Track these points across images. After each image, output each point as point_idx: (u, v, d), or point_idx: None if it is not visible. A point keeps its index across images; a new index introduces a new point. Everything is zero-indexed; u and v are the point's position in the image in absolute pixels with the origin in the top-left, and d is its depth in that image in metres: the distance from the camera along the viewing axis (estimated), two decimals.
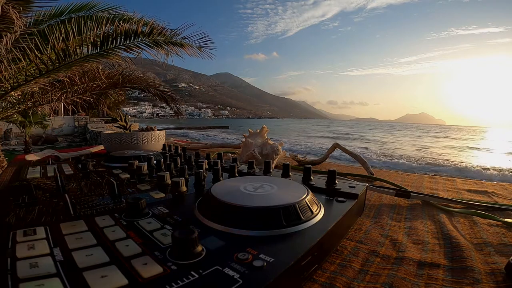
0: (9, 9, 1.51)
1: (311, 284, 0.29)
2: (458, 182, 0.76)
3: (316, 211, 0.34)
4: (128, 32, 2.46)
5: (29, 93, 2.59)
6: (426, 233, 0.42)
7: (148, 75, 3.90)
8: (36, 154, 0.87)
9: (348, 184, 0.47)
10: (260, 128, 0.91)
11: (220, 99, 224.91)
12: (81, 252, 0.25)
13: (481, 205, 0.54)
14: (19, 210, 0.36)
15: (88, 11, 2.59)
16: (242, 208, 0.31)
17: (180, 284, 0.21)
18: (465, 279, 0.30)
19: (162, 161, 0.59)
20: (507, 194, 0.63)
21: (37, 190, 0.44)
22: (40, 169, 0.64)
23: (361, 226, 0.44)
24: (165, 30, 2.74)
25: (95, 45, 2.39)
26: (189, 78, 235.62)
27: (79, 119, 11.16)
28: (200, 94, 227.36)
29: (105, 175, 0.57)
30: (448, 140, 24.10)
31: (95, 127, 8.35)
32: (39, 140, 8.32)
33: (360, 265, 0.33)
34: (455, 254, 0.35)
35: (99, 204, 0.39)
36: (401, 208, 0.54)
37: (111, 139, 0.94)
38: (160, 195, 0.43)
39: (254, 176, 0.50)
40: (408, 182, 0.75)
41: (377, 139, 22.80)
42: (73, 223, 0.31)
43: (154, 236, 0.29)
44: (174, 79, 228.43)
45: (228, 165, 0.53)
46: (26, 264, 0.23)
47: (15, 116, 4.92)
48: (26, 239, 0.27)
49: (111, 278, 0.21)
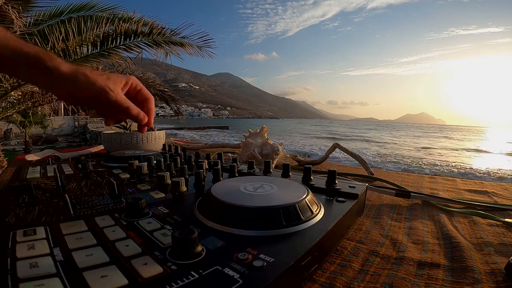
0: (9, 9, 1.51)
1: (311, 284, 0.29)
2: (458, 182, 0.76)
3: (316, 211, 0.34)
4: (128, 32, 2.46)
5: (29, 93, 2.59)
6: (426, 233, 0.42)
7: (148, 75, 3.91)
8: (36, 154, 0.87)
9: (348, 184, 0.47)
10: (260, 128, 0.91)
11: (220, 99, 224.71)
12: (81, 252, 0.25)
13: (481, 205, 0.54)
14: (19, 210, 0.36)
15: (88, 11, 2.59)
16: (242, 208, 0.31)
17: (180, 284, 0.21)
18: (465, 279, 0.30)
19: (162, 161, 0.59)
20: (507, 194, 0.63)
21: (37, 190, 0.44)
22: (40, 169, 0.64)
23: (361, 226, 0.44)
24: (165, 30, 2.74)
25: (95, 45, 2.39)
26: (189, 78, 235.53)
27: (79, 119, 11.16)
28: (200, 94, 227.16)
29: (105, 175, 0.57)
30: (451, 142, 23.83)
31: (95, 127, 8.35)
32: (39, 140, 8.32)
33: (360, 265, 0.33)
34: (455, 254, 0.35)
35: (99, 204, 0.39)
36: (401, 208, 0.54)
37: (111, 139, 0.94)
38: (160, 195, 0.43)
39: (254, 176, 0.50)
40: (408, 182, 0.75)
41: (376, 140, 22.76)
42: (73, 223, 0.31)
43: (154, 236, 0.29)
44: (174, 79, 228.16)
45: (228, 165, 0.53)
46: (26, 264, 0.23)
47: (15, 116, 4.92)
48: (26, 239, 0.27)
49: (111, 278, 0.21)
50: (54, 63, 0.36)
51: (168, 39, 2.72)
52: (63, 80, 0.36)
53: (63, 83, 0.37)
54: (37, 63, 0.35)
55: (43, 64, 0.35)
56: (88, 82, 0.37)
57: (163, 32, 2.68)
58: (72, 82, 0.37)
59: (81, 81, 0.37)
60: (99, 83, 0.38)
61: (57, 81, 0.36)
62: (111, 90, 0.39)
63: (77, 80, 0.37)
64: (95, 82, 0.38)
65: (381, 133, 35.21)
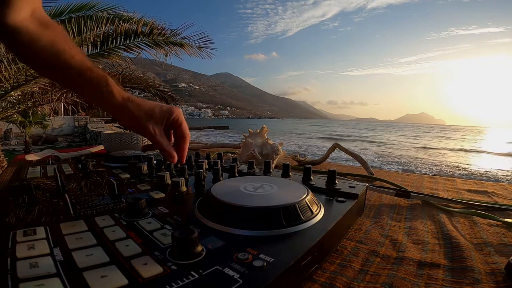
0: None
1: (311, 284, 0.29)
2: (458, 182, 0.76)
3: (316, 211, 0.34)
4: (128, 32, 2.46)
5: (29, 93, 2.59)
6: (426, 233, 0.42)
7: (148, 75, 3.90)
8: (36, 154, 0.87)
9: (348, 184, 0.47)
10: (260, 128, 0.91)
11: (220, 99, 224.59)
12: (81, 252, 0.25)
13: (481, 205, 0.54)
14: (19, 210, 0.36)
15: (88, 11, 2.59)
16: (242, 208, 0.31)
17: (180, 284, 0.21)
18: (465, 279, 0.30)
19: (162, 161, 0.59)
20: (507, 194, 0.63)
21: (37, 190, 0.44)
22: (40, 169, 0.64)
23: (361, 226, 0.44)
24: (165, 30, 2.74)
25: (95, 45, 2.39)
26: (189, 78, 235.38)
27: (79, 119, 11.15)
28: (200, 94, 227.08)
29: (105, 175, 0.57)
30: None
31: (95, 127, 8.35)
32: (39, 140, 8.32)
33: (360, 265, 0.33)
34: (455, 254, 0.35)
35: (99, 204, 0.39)
36: (401, 208, 0.54)
37: (111, 139, 0.94)
38: (160, 195, 0.43)
39: (254, 176, 0.50)
40: (408, 182, 0.75)
41: (376, 140, 22.71)
42: (73, 223, 0.31)
43: (154, 236, 0.29)
44: (174, 79, 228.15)
45: (228, 165, 0.53)
46: (26, 264, 0.23)
47: (15, 116, 4.92)
48: (26, 239, 0.27)
49: (111, 278, 0.21)
50: (109, 95, 0.42)
51: (168, 40, 2.72)
52: (115, 109, 0.42)
53: (114, 112, 0.43)
54: (98, 89, 0.41)
55: (102, 90, 0.41)
56: (133, 116, 0.43)
57: (163, 33, 2.68)
58: (120, 113, 0.43)
59: (127, 115, 0.43)
60: (142, 122, 0.43)
61: (110, 109, 0.43)
62: (150, 131, 0.44)
63: (124, 112, 0.42)
64: (137, 119, 0.43)
65: (380, 133, 35.21)
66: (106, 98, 0.42)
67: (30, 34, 0.40)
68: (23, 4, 0.39)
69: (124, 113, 0.43)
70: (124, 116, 0.43)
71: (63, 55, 0.40)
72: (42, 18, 0.42)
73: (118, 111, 0.43)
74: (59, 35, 0.42)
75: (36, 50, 0.40)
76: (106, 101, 0.42)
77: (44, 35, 0.41)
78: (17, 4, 0.39)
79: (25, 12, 0.40)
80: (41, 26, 0.41)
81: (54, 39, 0.41)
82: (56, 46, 0.40)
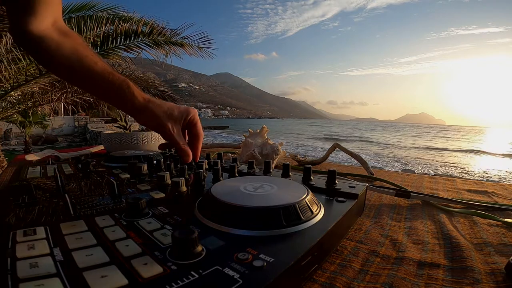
0: None
1: (311, 284, 0.29)
2: (458, 182, 0.76)
3: (316, 211, 0.34)
4: (128, 32, 2.46)
5: (29, 93, 2.59)
6: (426, 233, 0.42)
7: (148, 75, 3.91)
8: (36, 154, 0.87)
9: (348, 184, 0.47)
10: (260, 128, 0.91)
11: (220, 99, 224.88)
12: (81, 252, 0.25)
13: (481, 205, 0.54)
14: (19, 210, 0.36)
15: (88, 11, 2.59)
16: (242, 208, 0.31)
17: (180, 284, 0.21)
18: (465, 279, 0.30)
19: (162, 161, 0.59)
20: (507, 194, 0.63)
21: (37, 190, 0.44)
22: (40, 169, 0.64)
23: (361, 226, 0.44)
24: (165, 30, 2.74)
25: (95, 45, 2.39)
26: (189, 78, 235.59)
27: (79, 119, 11.16)
28: (200, 94, 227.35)
29: (105, 175, 0.57)
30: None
31: (95, 127, 8.35)
32: (39, 140, 8.32)
33: (360, 265, 0.33)
34: (455, 254, 0.35)
35: (99, 204, 0.39)
36: (401, 208, 0.54)
37: (111, 139, 0.94)
38: (160, 195, 0.43)
39: (254, 176, 0.50)
40: (408, 182, 0.75)
41: (376, 141, 22.69)
42: (73, 223, 0.31)
43: (154, 236, 0.29)
44: (174, 79, 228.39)
45: (228, 165, 0.53)
46: (26, 264, 0.23)
47: (15, 116, 4.92)
48: (26, 239, 0.27)
49: (111, 278, 0.21)
50: (131, 96, 0.44)
51: (168, 40, 2.72)
52: (137, 110, 0.45)
53: (136, 112, 0.46)
54: (121, 92, 0.44)
55: (123, 95, 0.44)
56: (154, 116, 0.45)
57: (164, 32, 2.68)
58: (142, 114, 0.46)
59: (148, 114, 0.45)
60: (162, 121, 0.46)
61: (133, 110, 0.46)
62: (169, 129, 0.46)
63: (145, 112, 0.45)
64: (158, 118, 0.45)
65: (380, 133, 35.19)
66: (129, 100, 0.44)
67: (53, 42, 0.42)
68: (46, 13, 0.42)
69: (146, 113, 0.45)
70: (145, 116, 0.45)
71: (86, 61, 0.42)
72: (63, 28, 0.45)
73: (140, 112, 0.45)
74: (80, 43, 0.45)
75: (60, 57, 0.42)
76: (129, 102, 0.44)
77: (66, 42, 0.43)
78: (40, 13, 0.41)
79: (48, 21, 0.42)
80: (62, 35, 0.43)
81: (75, 46, 0.43)
82: (79, 53, 0.43)
